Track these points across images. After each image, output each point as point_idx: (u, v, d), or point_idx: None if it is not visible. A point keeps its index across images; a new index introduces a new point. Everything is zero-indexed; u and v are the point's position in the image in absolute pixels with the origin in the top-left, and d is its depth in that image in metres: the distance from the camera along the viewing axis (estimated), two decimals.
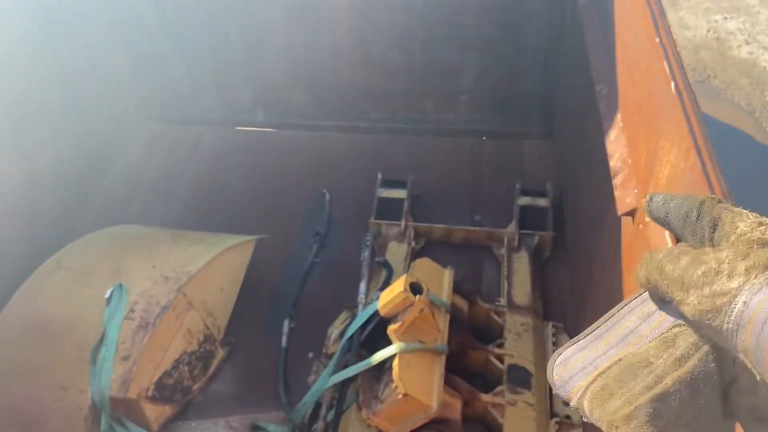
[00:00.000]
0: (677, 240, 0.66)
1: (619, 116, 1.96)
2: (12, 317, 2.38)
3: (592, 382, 0.64)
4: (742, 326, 0.51)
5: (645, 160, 1.67)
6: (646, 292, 0.66)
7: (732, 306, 0.52)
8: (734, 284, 0.53)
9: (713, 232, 0.59)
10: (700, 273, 0.55)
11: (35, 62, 2.78)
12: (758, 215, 0.58)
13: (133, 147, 3.43)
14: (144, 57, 3.35)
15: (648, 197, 0.67)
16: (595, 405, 0.62)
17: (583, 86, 2.42)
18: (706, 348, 0.59)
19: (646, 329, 0.64)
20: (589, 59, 2.33)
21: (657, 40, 1.60)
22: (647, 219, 1.54)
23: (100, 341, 2.18)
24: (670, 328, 0.62)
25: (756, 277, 0.52)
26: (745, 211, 0.59)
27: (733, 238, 0.57)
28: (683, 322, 0.61)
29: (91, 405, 2.11)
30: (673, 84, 1.48)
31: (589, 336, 0.68)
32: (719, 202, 0.61)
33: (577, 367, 0.66)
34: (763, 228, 0.56)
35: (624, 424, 0.59)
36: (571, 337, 2.45)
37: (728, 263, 0.54)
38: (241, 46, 3.28)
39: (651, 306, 0.65)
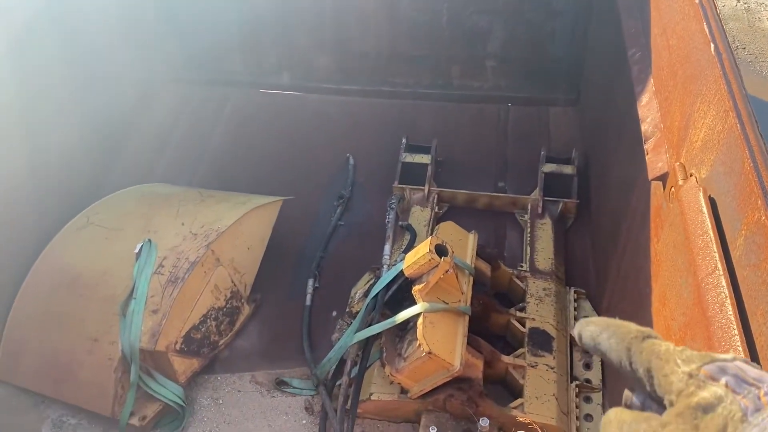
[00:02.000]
0: None
1: (651, 80, 1.95)
2: (43, 271, 2.43)
3: None
4: None
5: (679, 124, 1.66)
6: None
7: None
8: None
9: (652, 384, 0.59)
10: None
11: (64, 25, 2.78)
12: (683, 355, 0.57)
13: (160, 108, 3.45)
14: (171, 19, 3.35)
15: (577, 330, 0.66)
16: None
17: (613, 51, 2.39)
18: None
19: None
20: (621, 23, 2.30)
21: (696, 0, 1.58)
22: (680, 182, 1.54)
23: (130, 294, 2.22)
24: None
25: None
26: (671, 350, 0.58)
27: (673, 398, 0.56)
28: None
29: (121, 356, 2.17)
30: (712, 46, 1.46)
31: None
32: (645, 338, 0.60)
33: None
34: (695, 382, 0.55)
35: None
36: (593, 303, 2.47)
37: None
38: (268, 8, 3.27)
39: None
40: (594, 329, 0.64)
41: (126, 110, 3.25)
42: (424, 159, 2.94)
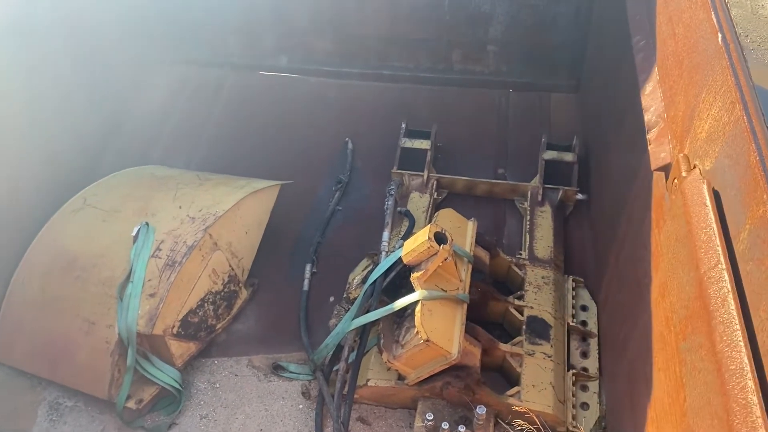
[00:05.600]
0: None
1: (656, 69, 1.92)
2: (39, 253, 2.41)
3: None
4: None
5: (683, 114, 1.64)
6: None
7: None
8: None
9: None
10: None
11: (60, 9, 2.74)
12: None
13: (158, 89, 3.41)
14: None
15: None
16: None
17: (618, 38, 2.36)
18: None
19: None
20: (626, 10, 2.27)
21: None
22: (684, 173, 1.53)
23: (127, 278, 2.21)
24: None
25: None
26: None
27: None
28: None
29: (118, 340, 2.16)
30: (720, 36, 1.44)
31: None
32: None
33: None
34: None
35: None
36: (591, 291, 2.46)
37: None
38: None
39: None
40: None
41: (122, 92, 3.21)
42: (424, 144, 2.91)
